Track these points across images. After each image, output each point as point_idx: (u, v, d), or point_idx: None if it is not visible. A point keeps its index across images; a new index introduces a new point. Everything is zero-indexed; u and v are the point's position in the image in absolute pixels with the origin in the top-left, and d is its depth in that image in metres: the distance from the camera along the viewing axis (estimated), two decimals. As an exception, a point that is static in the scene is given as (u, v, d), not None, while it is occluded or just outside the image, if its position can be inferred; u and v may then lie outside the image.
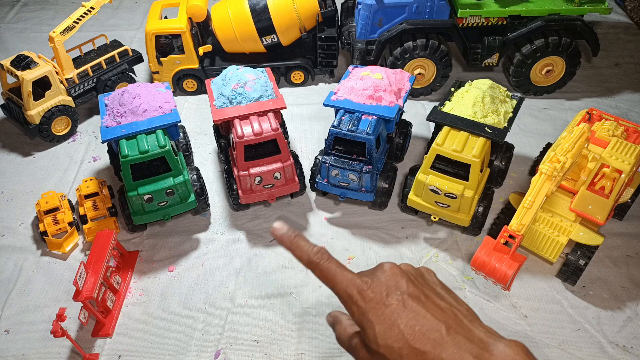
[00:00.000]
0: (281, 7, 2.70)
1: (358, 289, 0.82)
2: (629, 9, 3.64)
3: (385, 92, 2.10)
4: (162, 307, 1.95)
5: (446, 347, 0.75)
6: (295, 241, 0.89)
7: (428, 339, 0.76)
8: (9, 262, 2.12)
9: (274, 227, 0.90)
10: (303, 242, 0.88)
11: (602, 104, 2.84)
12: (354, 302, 0.82)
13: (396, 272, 0.84)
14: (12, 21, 3.69)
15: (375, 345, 0.78)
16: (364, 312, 0.80)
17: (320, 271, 0.87)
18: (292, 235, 0.89)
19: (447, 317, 0.79)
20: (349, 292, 0.83)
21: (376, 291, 0.81)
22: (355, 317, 0.82)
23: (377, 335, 0.78)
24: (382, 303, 0.80)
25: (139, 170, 1.98)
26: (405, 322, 0.78)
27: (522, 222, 1.72)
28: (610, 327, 1.85)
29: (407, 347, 0.76)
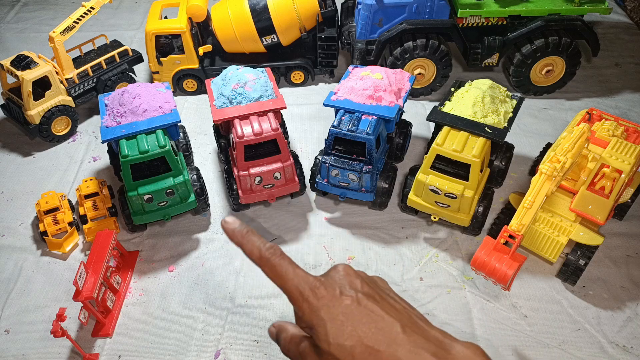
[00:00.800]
0: (281, 7, 2.70)
1: (310, 286, 0.79)
2: (629, 9, 3.64)
3: (385, 92, 2.10)
4: (162, 307, 1.95)
5: (402, 345, 0.73)
6: (246, 236, 0.84)
7: (382, 337, 0.74)
8: (9, 262, 2.12)
9: (225, 220, 0.85)
10: (255, 238, 0.84)
11: (602, 104, 2.84)
12: (305, 299, 0.79)
13: (350, 273, 0.82)
14: (12, 21, 3.69)
15: (326, 344, 0.75)
16: (315, 310, 0.77)
17: (271, 267, 0.83)
18: (244, 230, 0.84)
19: (402, 317, 0.77)
20: (300, 289, 0.80)
21: (329, 289, 0.79)
22: (306, 316, 0.78)
23: (328, 333, 0.75)
24: (335, 300, 0.77)
25: (139, 170, 1.97)
26: (359, 320, 0.75)
27: (522, 222, 1.72)
28: (610, 327, 1.85)
29: (359, 345, 0.74)
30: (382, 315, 0.76)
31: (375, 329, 0.75)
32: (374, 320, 0.76)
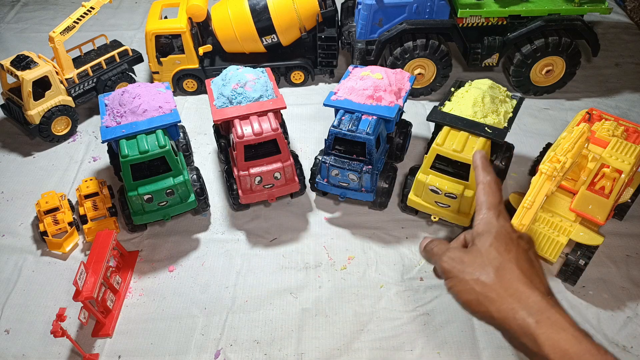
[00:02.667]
0: (281, 7, 2.70)
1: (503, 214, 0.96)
2: (629, 9, 3.64)
3: (385, 92, 2.10)
4: (162, 307, 1.95)
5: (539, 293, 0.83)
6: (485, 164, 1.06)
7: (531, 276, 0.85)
8: (9, 262, 2.12)
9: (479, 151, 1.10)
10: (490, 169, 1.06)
11: (602, 104, 2.84)
12: (494, 215, 0.95)
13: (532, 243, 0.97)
14: (12, 21, 3.69)
15: (485, 244, 0.89)
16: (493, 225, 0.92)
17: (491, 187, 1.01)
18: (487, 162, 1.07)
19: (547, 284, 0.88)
20: (495, 208, 0.97)
21: (514, 229, 0.95)
22: (482, 224, 0.94)
23: (493, 240, 0.89)
24: (514, 235, 0.92)
25: (139, 170, 1.98)
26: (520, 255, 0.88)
27: (522, 222, 1.72)
28: (610, 327, 1.85)
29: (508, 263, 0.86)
30: (539, 268, 0.89)
31: (529, 268, 0.87)
32: (531, 264, 0.88)
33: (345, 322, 1.88)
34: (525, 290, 0.82)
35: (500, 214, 0.95)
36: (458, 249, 0.93)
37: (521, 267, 0.85)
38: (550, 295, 0.85)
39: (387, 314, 1.90)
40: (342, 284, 2.00)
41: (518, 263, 0.86)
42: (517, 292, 0.82)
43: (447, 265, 0.91)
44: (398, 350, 1.80)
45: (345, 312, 1.91)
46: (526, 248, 0.91)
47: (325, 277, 2.03)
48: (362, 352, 1.80)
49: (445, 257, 0.93)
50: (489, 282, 0.84)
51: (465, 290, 0.87)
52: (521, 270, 0.85)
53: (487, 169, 1.05)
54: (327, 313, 1.91)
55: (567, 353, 0.75)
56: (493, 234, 0.90)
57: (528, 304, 0.80)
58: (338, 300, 1.95)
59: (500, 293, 0.82)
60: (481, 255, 0.88)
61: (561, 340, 0.76)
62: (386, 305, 1.93)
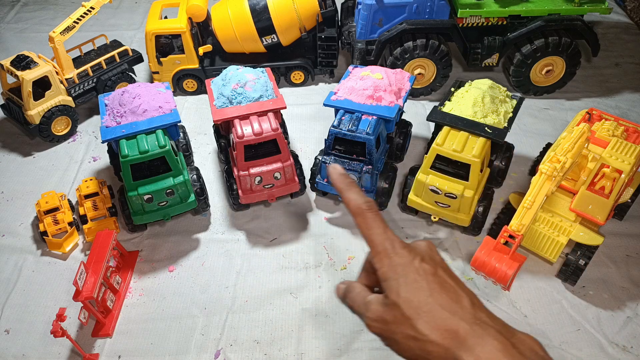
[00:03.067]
0: (281, 7, 2.70)
1: (395, 245, 0.84)
2: (629, 9, 3.64)
3: (385, 92, 2.10)
4: (162, 307, 1.95)
5: (469, 317, 0.77)
6: (349, 185, 0.90)
7: (452, 305, 0.78)
8: (9, 262, 2.12)
9: (334, 165, 0.93)
10: (356, 189, 0.90)
11: (602, 104, 2.84)
12: (387, 254, 0.83)
13: (433, 249, 0.87)
14: (12, 21, 3.69)
15: (395, 296, 0.80)
16: (394, 265, 0.82)
17: (364, 218, 0.87)
18: (348, 180, 0.91)
19: (472, 296, 0.81)
20: (386, 244, 0.84)
21: (412, 253, 0.84)
22: (384, 269, 0.83)
23: (400, 287, 0.80)
24: (415, 263, 0.82)
25: (139, 170, 1.98)
26: (432, 284, 0.80)
27: (522, 222, 1.72)
28: (610, 327, 1.85)
29: (427, 304, 0.78)
30: (455, 288, 0.81)
31: (447, 296, 0.79)
32: (446, 289, 0.80)
33: (345, 322, 1.88)
34: (451, 329, 0.76)
35: (393, 246, 0.83)
36: (377, 305, 0.84)
37: (439, 302, 0.78)
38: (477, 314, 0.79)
39: (387, 314, 1.90)
40: (342, 284, 2.00)
41: (435, 299, 0.78)
42: (447, 335, 0.76)
43: (375, 330, 0.85)
44: (398, 350, 1.79)
45: (345, 312, 1.91)
46: (433, 270, 0.82)
47: (325, 277, 2.03)
48: (362, 352, 1.80)
49: (368, 320, 0.85)
50: (416, 335, 0.78)
51: (403, 350, 0.82)
52: (440, 306, 0.78)
53: (351, 189, 0.89)
54: (327, 313, 1.91)
55: None
56: (397, 275, 0.81)
57: (460, 344, 0.75)
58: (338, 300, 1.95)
59: (433, 342, 0.76)
60: (398, 307, 0.80)
61: None
62: (386, 305, 1.93)
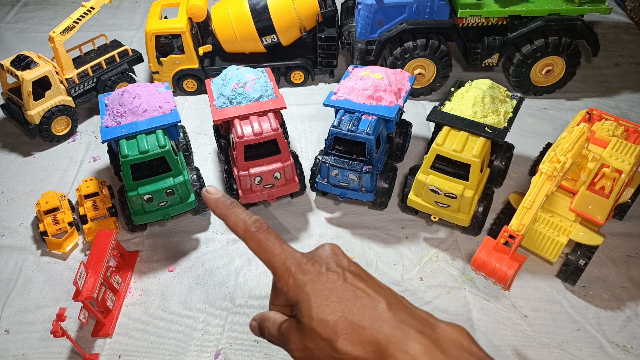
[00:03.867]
0: (281, 7, 2.70)
1: (297, 262, 0.77)
2: (629, 9, 3.64)
3: (385, 92, 2.10)
4: (162, 307, 1.95)
5: (387, 321, 0.72)
6: (230, 207, 0.81)
7: (367, 313, 0.72)
8: (9, 262, 2.12)
9: (207, 189, 0.82)
10: (239, 210, 0.80)
11: (602, 104, 2.84)
12: (291, 274, 0.77)
13: (337, 252, 0.81)
14: (12, 21, 3.69)
15: (308, 319, 0.74)
16: (300, 285, 0.76)
17: (256, 242, 0.80)
18: (228, 202, 0.81)
19: (387, 295, 0.75)
20: (287, 264, 0.78)
21: (316, 265, 0.77)
22: (291, 292, 0.77)
23: (311, 308, 0.73)
24: (321, 276, 0.76)
25: (139, 170, 1.97)
26: (344, 295, 0.74)
27: (522, 222, 1.72)
28: (610, 327, 1.85)
29: (343, 320, 0.72)
30: (367, 292, 0.75)
31: (360, 305, 0.73)
32: (359, 296, 0.74)
33: (345, 322, 1.88)
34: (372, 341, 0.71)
35: (296, 264, 0.77)
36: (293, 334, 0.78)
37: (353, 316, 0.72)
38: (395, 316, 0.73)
39: (387, 314, 1.90)
40: (342, 284, 2.00)
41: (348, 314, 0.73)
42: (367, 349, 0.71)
43: (299, 356, 0.79)
44: (398, 350, 1.79)
45: (345, 312, 1.91)
46: (342, 280, 0.75)
47: (325, 277, 2.03)
48: (362, 352, 1.79)
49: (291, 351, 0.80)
50: (340, 356, 0.73)
51: None
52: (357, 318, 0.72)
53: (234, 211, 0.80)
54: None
55: None
56: (307, 296, 0.75)
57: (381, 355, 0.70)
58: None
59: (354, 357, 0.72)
60: (313, 332, 0.74)
61: None
62: (386, 305, 1.93)
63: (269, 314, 0.87)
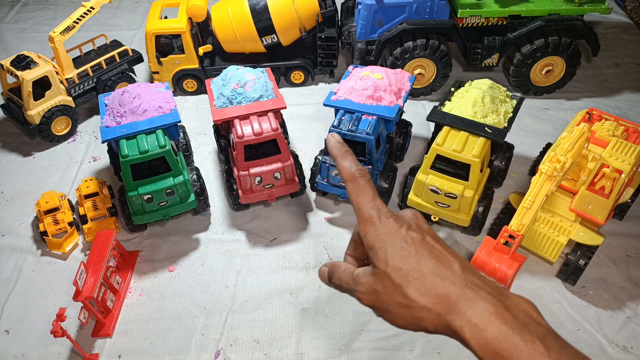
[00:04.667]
0: (281, 7, 2.70)
1: (382, 213, 0.83)
2: (629, 9, 3.64)
3: (385, 92, 2.10)
4: (162, 307, 1.95)
5: (460, 281, 0.76)
6: (344, 153, 0.91)
7: (441, 270, 0.77)
8: (9, 262, 2.12)
9: (333, 134, 0.95)
10: (351, 157, 0.91)
11: (602, 104, 2.84)
12: (373, 222, 0.83)
13: (419, 217, 0.87)
14: (12, 21, 3.68)
15: (383, 264, 0.80)
16: (380, 234, 0.82)
17: (355, 185, 0.88)
18: (344, 149, 0.92)
19: (462, 260, 0.80)
20: (372, 212, 0.84)
21: (399, 221, 0.83)
22: (369, 237, 0.83)
23: (387, 255, 0.79)
24: (402, 231, 0.81)
25: (139, 170, 1.98)
26: (420, 251, 0.79)
27: (522, 222, 1.72)
28: (610, 327, 1.85)
29: (416, 271, 0.77)
30: (443, 253, 0.80)
31: (435, 261, 0.78)
32: (435, 255, 0.79)
33: (345, 322, 1.88)
34: (443, 293, 0.76)
35: (380, 213, 0.83)
36: (366, 277, 0.84)
37: (429, 268, 0.78)
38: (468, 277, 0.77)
39: (387, 314, 1.90)
40: (342, 284, 2.00)
41: (424, 266, 0.78)
42: (437, 301, 0.76)
43: (368, 302, 0.85)
44: (398, 350, 1.80)
45: (345, 312, 1.91)
46: (420, 238, 0.81)
47: (325, 277, 2.03)
48: (362, 352, 1.80)
49: (359, 293, 0.85)
50: (407, 302, 0.78)
51: (395, 318, 0.81)
52: (430, 272, 0.77)
53: (346, 157, 0.90)
54: (327, 313, 1.91)
55: (495, 351, 0.72)
56: (384, 244, 0.81)
57: (450, 309, 0.75)
58: (338, 300, 1.95)
59: (424, 308, 0.76)
60: (388, 276, 0.80)
61: (488, 339, 0.71)
62: (386, 305, 1.93)
63: (341, 262, 0.94)
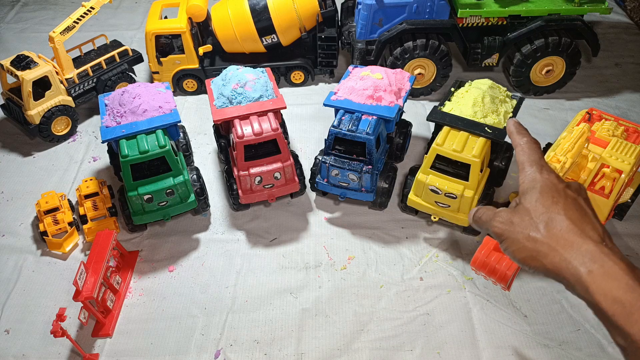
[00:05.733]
0: (281, 7, 2.70)
1: (547, 168, 0.94)
2: (629, 9, 3.64)
3: (385, 92, 2.10)
4: (162, 307, 1.95)
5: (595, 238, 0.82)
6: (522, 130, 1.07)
7: (581, 225, 0.84)
8: (9, 262, 2.12)
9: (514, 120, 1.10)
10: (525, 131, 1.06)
11: (602, 104, 2.84)
12: (534, 170, 0.94)
13: (584, 188, 0.95)
14: (12, 21, 3.69)
15: (530, 202, 0.90)
16: (537, 180, 0.92)
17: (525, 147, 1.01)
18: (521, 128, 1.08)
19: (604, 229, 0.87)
20: (537, 164, 0.96)
21: (561, 180, 0.93)
22: (526, 184, 0.94)
23: (538, 196, 0.89)
24: (560, 185, 0.90)
25: (139, 170, 1.98)
26: (569, 205, 0.87)
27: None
28: (610, 327, 1.84)
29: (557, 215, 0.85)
30: (590, 215, 0.88)
31: (580, 216, 0.86)
32: (581, 212, 0.88)
33: (345, 322, 1.88)
34: (577, 240, 0.83)
35: (543, 168, 0.95)
36: (506, 211, 0.94)
37: (570, 217, 0.86)
38: (605, 241, 0.85)
39: (387, 314, 1.90)
40: (342, 284, 2.00)
41: (567, 213, 0.86)
42: (568, 243, 0.83)
43: (498, 229, 0.94)
44: (398, 350, 1.80)
45: (345, 312, 1.91)
46: (574, 196, 0.90)
47: (325, 277, 2.03)
48: (362, 352, 1.80)
49: (495, 221, 0.94)
50: (539, 237, 0.86)
51: (519, 249, 0.89)
52: (571, 220, 0.85)
53: (522, 132, 1.06)
54: (327, 313, 1.91)
55: (618, 300, 0.77)
56: (538, 189, 0.91)
57: (580, 254, 0.82)
58: (338, 300, 1.95)
59: (551, 246, 0.84)
60: (528, 212, 0.89)
61: (613, 288, 0.78)
62: (386, 305, 1.93)
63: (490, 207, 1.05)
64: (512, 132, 1.08)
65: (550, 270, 0.87)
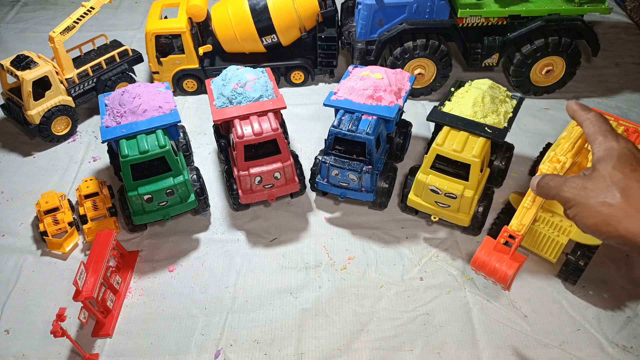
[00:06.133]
0: (281, 7, 2.70)
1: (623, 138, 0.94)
2: (629, 9, 3.64)
3: (385, 92, 2.10)
4: (162, 307, 1.95)
5: None
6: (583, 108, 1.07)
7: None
8: (9, 262, 2.12)
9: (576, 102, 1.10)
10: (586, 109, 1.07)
11: (602, 104, 2.84)
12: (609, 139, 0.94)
13: None
14: (12, 21, 3.69)
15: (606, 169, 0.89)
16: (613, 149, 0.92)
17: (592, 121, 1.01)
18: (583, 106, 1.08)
19: None
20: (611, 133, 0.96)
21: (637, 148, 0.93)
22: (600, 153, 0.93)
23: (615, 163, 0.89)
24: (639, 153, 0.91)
25: (139, 170, 1.98)
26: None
27: (522, 222, 1.71)
28: (610, 327, 1.85)
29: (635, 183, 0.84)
30: None
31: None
32: None
33: (345, 322, 1.88)
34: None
35: (619, 137, 0.95)
36: (578, 177, 0.93)
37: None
38: None
39: (387, 314, 1.90)
40: (342, 284, 2.00)
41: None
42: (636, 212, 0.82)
43: (569, 194, 0.93)
44: (398, 350, 1.80)
45: (345, 312, 1.91)
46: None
47: (325, 277, 2.03)
48: (362, 352, 1.80)
49: (566, 187, 0.94)
50: (615, 202, 0.85)
51: (591, 215, 0.88)
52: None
53: (585, 109, 1.06)
54: (327, 313, 1.91)
55: None
56: (615, 157, 0.90)
57: None
58: (338, 300, 1.95)
59: (627, 211, 0.83)
60: (604, 178, 0.88)
61: None
62: (386, 305, 1.93)
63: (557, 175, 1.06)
64: (575, 110, 1.06)
65: (623, 236, 0.85)
